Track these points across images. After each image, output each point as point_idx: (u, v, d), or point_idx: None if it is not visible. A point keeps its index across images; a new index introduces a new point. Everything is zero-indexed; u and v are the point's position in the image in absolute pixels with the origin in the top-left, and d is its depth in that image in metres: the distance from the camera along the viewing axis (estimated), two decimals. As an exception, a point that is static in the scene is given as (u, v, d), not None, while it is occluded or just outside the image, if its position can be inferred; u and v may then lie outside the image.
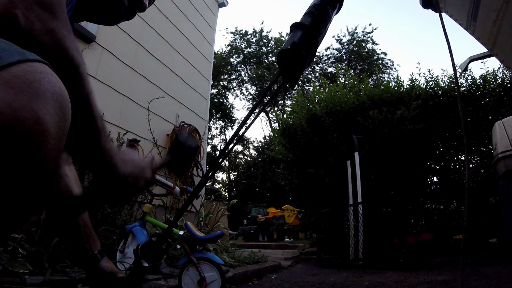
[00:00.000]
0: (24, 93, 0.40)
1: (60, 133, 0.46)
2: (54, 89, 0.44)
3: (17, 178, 0.42)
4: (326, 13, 0.83)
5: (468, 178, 1.04)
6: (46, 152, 0.43)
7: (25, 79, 0.41)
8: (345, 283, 2.76)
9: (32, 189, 0.44)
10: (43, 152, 0.43)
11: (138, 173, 0.71)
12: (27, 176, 0.43)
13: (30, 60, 0.44)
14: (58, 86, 0.45)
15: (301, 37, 0.76)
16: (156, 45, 4.49)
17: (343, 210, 4.36)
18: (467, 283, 2.29)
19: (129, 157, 0.72)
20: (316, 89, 6.11)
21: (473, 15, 1.13)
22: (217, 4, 6.72)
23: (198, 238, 1.99)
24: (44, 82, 0.43)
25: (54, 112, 0.44)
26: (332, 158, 4.88)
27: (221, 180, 26.01)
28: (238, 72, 26.75)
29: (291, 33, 0.79)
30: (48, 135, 0.43)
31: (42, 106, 0.42)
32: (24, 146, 0.40)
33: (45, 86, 0.43)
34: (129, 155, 0.72)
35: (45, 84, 0.43)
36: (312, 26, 0.78)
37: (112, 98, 3.63)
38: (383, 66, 23.50)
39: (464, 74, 4.76)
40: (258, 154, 25.36)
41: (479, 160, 4.70)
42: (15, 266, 1.63)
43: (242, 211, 17.29)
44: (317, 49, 0.83)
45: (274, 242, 10.74)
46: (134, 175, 0.70)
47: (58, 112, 0.44)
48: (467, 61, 2.71)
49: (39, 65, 0.44)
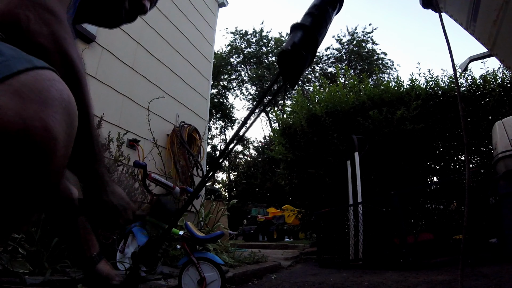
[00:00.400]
0: (34, 102, 0.41)
1: (68, 140, 0.46)
2: (62, 96, 0.45)
3: (27, 184, 0.42)
4: (326, 13, 0.83)
5: (468, 178, 1.03)
6: (55, 160, 0.44)
7: (34, 88, 0.41)
8: (345, 283, 2.76)
9: (40, 194, 0.45)
10: (53, 160, 0.43)
11: (123, 207, 0.74)
12: (37, 183, 0.43)
13: (38, 68, 0.44)
14: (66, 93, 0.46)
15: (301, 37, 0.76)
16: (156, 45, 4.49)
17: (343, 210, 4.36)
18: (467, 283, 2.29)
19: (119, 190, 0.74)
20: (316, 89, 6.10)
21: (473, 15, 1.13)
22: (217, 4, 6.72)
23: (198, 238, 1.99)
24: (53, 90, 0.44)
25: (63, 120, 0.44)
26: (332, 158, 4.88)
27: (221, 180, 26.02)
28: (238, 72, 26.74)
29: (291, 34, 0.79)
30: (57, 144, 0.43)
31: (51, 114, 0.42)
32: (34, 155, 0.41)
33: (54, 94, 0.44)
34: (119, 189, 0.75)
35: (54, 92, 0.44)
36: (312, 27, 0.79)
37: (112, 98, 3.63)
38: (383, 66, 23.49)
39: (464, 74, 4.76)
40: (258, 154, 25.35)
41: (479, 160, 4.70)
42: (15, 266, 1.63)
43: (242, 211, 17.27)
44: (317, 49, 0.83)
45: (274, 242, 10.73)
46: (120, 208, 0.72)
47: (66, 119, 0.45)
48: (467, 61, 2.71)
49: (47, 73, 0.45)
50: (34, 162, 0.41)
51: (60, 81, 0.47)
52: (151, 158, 3.80)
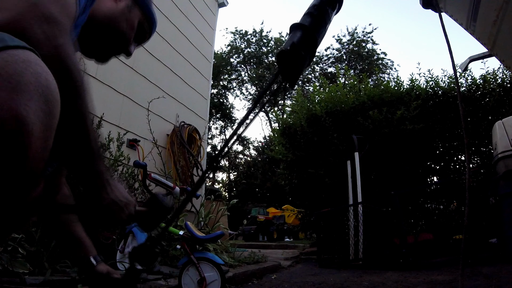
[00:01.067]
0: (3, 89, 0.35)
1: (47, 131, 0.41)
2: (39, 80, 0.39)
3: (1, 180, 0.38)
4: (325, 13, 0.83)
5: (468, 179, 1.03)
6: (30, 155, 0.39)
7: (4, 72, 0.35)
8: (345, 283, 2.76)
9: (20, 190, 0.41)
10: (27, 155, 0.38)
11: (124, 203, 0.73)
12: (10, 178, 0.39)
13: (11, 47, 0.38)
14: (44, 76, 0.41)
15: (300, 37, 0.77)
16: (156, 45, 4.49)
17: (343, 210, 4.35)
18: (467, 283, 2.29)
19: (119, 187, 0.74)
20: (316, 89, 6.10)
21: (473, 15, 1.12)
22: (217, 4, 6.72)
23: (198, 238, 1.99)
24: (27, 73, 0.37)
25: (39, 108, 0.38)
26: (332, 158, 4.88)
27: (221, 180, 26.03)
28: (238, 72, 26.75)
29: (291, 34, 0.79)
30: (32, 136, 0.37)
31: (24, 102, 0.36)
32: (5, 149, 0.36)
33: (28, 78, 0.37)
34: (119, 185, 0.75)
35: (28, 76, 0.37)
36: (311, 27, 0.79)
37: (112, 98, 3.63)
38: (383, 66, 23.48)
39: (464, 74, 4.76)
40: (258, 154, 25.35)
41: (479, 160, 4.70)
42: (15, 266, 1.63)
43: (242, 211, 17.27)
44: (316, 49, 0.83)
45: (274, 242, 10.73)
46: (121, 204, 0.72)
47: (43, 107, 0.39)
48: (467, 61, 2.71)
49: (21, 53, 0.38)
50: (6, 157, 0.36)
51: (38, 63, 0.40)
52: (151, 158, 3.80)
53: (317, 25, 0.81)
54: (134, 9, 0.93)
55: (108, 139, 2.86)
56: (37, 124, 0.38)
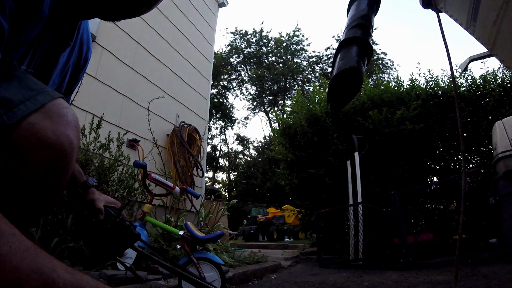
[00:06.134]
0: (61, 124, 0.57)
1: (78, 147, 0.63)
2: (74, 118, 0.62)
3: (57, 178, 0.58)
4: (372, 20, 0.84)
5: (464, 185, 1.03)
6: (73, 161, 0.61)
7: (60, 113, 0.58)
8: (345, 283, 2.76)
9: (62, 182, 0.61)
10: (72, 161, 0.60)
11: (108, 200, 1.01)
12: (62, 177, 0.59)
13: (56, 98, 0.59)
14: (76, 116, 0.63)
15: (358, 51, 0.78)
16: (156, 45, 4.50)
17: (343, 210, 4.36)
18: (467, 283, 2.29)
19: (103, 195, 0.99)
20: (316, 89, 6.10)
21: (473, 15, 1.12)
22: (217, 4, 6.72)
23: (198, 238, 1.99)
24: (69, 114, 0.60)
25: (77, 135, 0.62)
26: (332, 158, 4.88)
27: (221, 180, 26.03)
28: (238, 72, 26.75)
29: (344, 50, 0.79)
30: (75, 151, 0.60)
31: (71, 132, 0.58)
32: (63, 158, 0.57)
33: (71, 117, 0.60)
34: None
35: (70, 116, 0.60)
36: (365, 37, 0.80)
37: (112, 98, 3.63)
38: (383, 66, 23.50)
39: (464, 74, 4.76)
40: (258, 154, 25.35)
41: (479, 160, 4.70)
42: (15, 266, 1.62)
43: (242, 211, 17.28)
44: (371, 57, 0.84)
45: (274, 242, 10.74)
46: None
47: (77, 134, 0.62)
48: (467, 61, 2.70)
49: (62, 101, 0.61)
50: (62, 163, 0.58)
51: (70, 107, 0.63)
52: (151, 158, 3.80)
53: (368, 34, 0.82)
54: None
55: (108, 139, 2.86)
56: (77, 144, 0.61)
